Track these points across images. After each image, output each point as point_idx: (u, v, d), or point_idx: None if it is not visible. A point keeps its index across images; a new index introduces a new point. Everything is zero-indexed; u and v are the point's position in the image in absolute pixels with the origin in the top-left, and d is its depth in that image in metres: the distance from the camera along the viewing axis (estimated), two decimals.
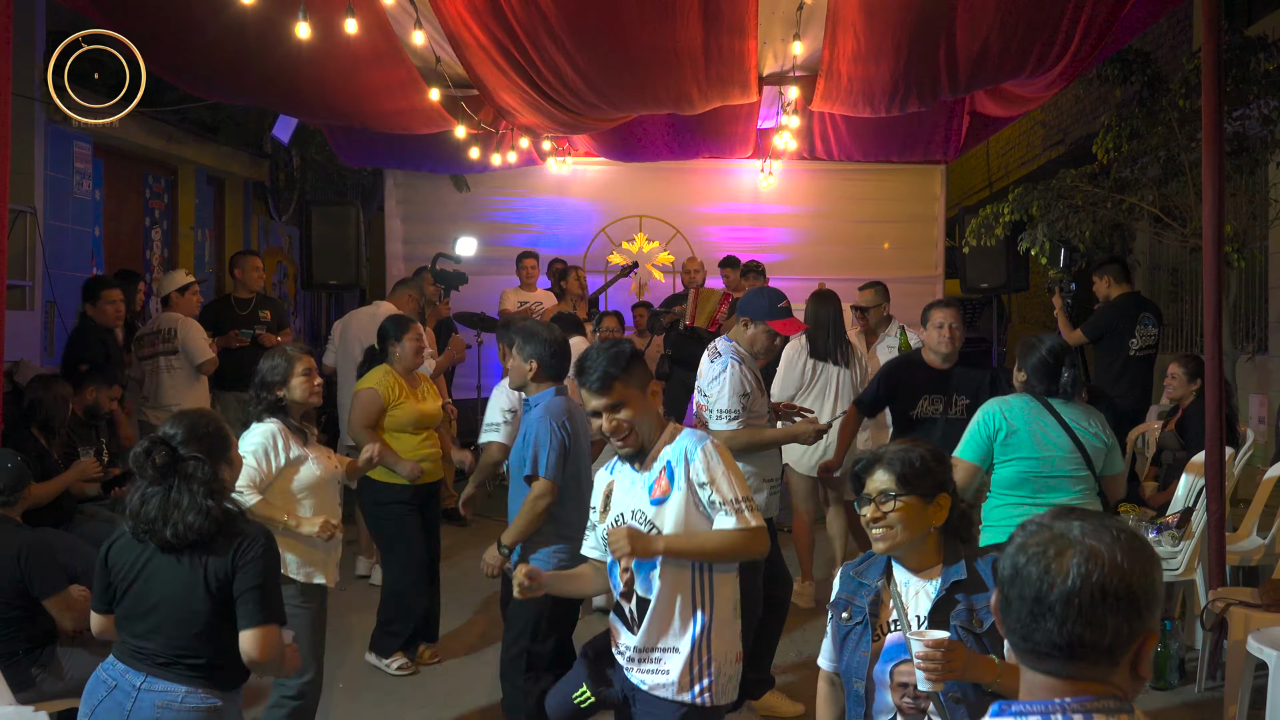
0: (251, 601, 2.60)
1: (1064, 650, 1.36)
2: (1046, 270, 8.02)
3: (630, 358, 2.87)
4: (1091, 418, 3.89)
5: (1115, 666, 1.37)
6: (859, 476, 2.52)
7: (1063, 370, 3.83)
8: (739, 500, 2.77)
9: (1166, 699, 4.61)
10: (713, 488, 2.76)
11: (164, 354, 6.36)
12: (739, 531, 2.76)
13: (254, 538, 2.65)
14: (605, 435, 2.93)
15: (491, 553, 3.92)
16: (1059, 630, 1.35)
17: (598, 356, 2.87)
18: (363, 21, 5.11)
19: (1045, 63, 5.54)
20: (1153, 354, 6.81)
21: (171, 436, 2.70)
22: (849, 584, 2.55)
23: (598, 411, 2.88)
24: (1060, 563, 1.37)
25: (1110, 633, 1.35)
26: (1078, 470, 3.80)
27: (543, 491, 3.77)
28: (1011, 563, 1.42)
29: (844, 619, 2.50)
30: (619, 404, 2.83)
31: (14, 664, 3.68)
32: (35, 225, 6.84)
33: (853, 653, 2.45)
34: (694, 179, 10.05)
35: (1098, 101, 10.74)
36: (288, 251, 11.56)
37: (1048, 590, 1.36)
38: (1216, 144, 4.52)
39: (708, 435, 2.88)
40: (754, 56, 5.86)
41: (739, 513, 2.76)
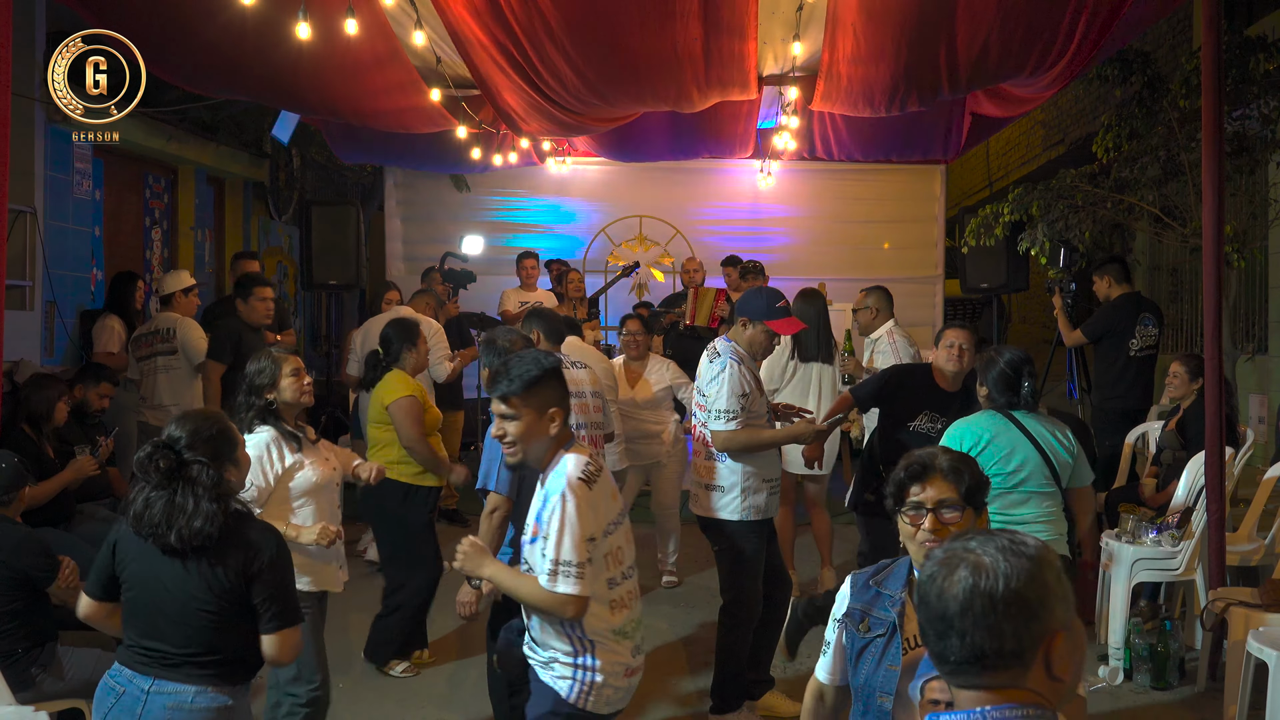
0: (272, 608, 2.63)
1: (972, 663, 1.44)
2: (1046, 270, 8.02)
3: (536, 380, 2.80)
4: (1058, 429, 3.90)
5: (1027, 670, 1.44)
6: (905, 483, 2.38)
7: (1022, 382, 3.88)
8: (559, 563, 2.66)
9: (1166, 699, 4.61)
10: (545, 541, 2.70)
11: (162, 354, 6.35)
12: (547, 593, 2.68)
13: (263, 546, 2.66)
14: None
15: (465, 591, 3.64)
16: (962, 644, 1.44)
17: (512, 365, 2.85)
18: (363, 22, 5.12)
19: (1045, 63, 5.54)
20: (1153, 354, 6.81)
21: (176, 440, 2.67)
22: (864, 594, 2.41)
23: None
24: (950, 581, 1.46)
25: (1010, 638, 1.42)
26: (1044, 486, 3.81)
27: (495, 505, 3.72)
28: (918, 590, 1.51)
29: (861, 631, 2.37)
30: (511, 416, 2.80)
31: (14, 664, 3.68)
32: (35, 225, 6.83)
33: (875, 667, 2.32)
34: (694, 179, 10.05)
35: (1098, 101, 10.74)
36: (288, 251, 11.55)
37: (945, 608, 1.45)
38: (1216, 144, 4.52)
39: (567, 483, 2.72)
40: (754, 58, 5.87)
41: (552, 574, 2.66)
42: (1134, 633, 4.77)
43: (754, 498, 4.27)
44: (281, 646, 2.65)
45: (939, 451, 2.43)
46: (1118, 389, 6.70)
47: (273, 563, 2.64)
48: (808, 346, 5.79)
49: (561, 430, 2.82)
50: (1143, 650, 4.72)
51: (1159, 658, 4.70)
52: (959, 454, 2.45)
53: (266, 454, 3.66)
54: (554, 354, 3.34)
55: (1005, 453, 3.79)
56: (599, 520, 2.74)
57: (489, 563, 2.88)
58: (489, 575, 2.86)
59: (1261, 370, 8.80)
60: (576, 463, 2.77)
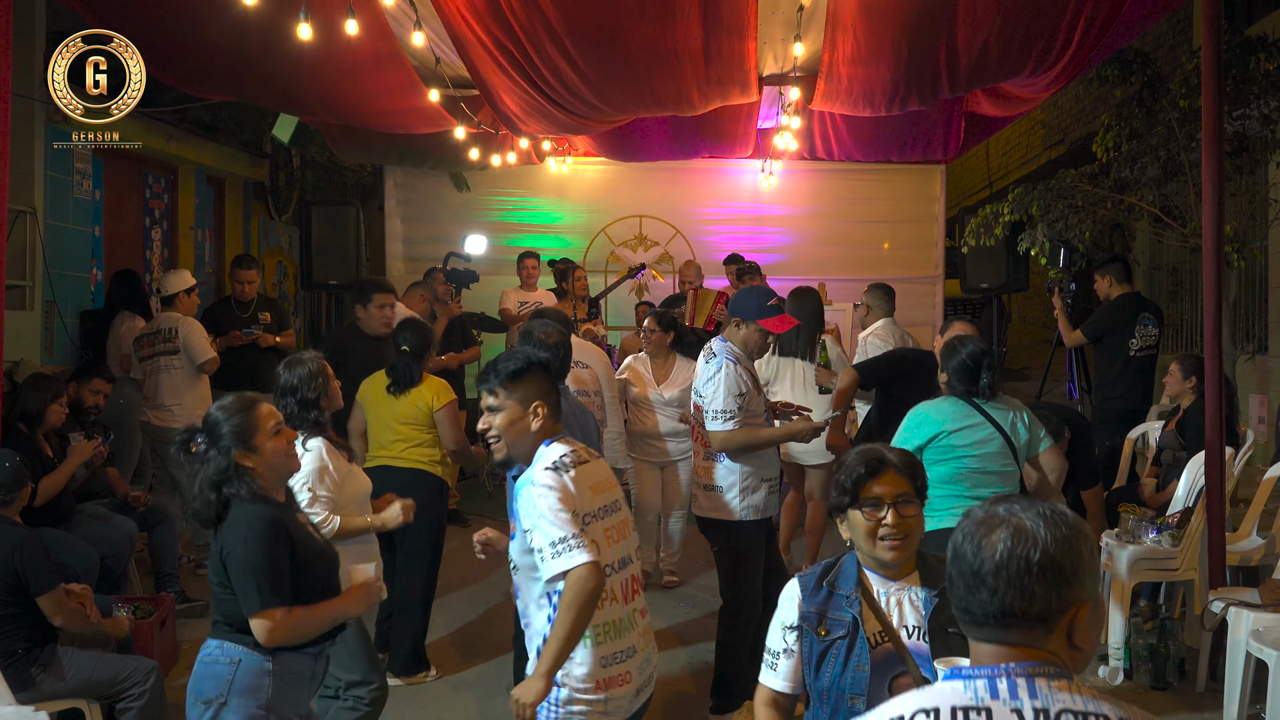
0: (241, 593, 2.70)
1: (998, 618, 1.49)
2: (1046, 270, 8.02)
3: (521, 372, 2.79)
4: (1013, 410, 4.05)
5: (1050, 634, 1.49)
6: (864, 478, 2.38)
7: (982, 373, 4.02)
8: (554, 544, 2.58)
9: (1166, 699, 4.61)
10: (531, 535, 2.65)
11: (164, 354, 6.35)
12: (566, 596, 2.56)
13: (233, 530, 2.72)
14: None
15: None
16: (992, 600, 1.48)
17: (501, 359, 2.85)
18: (362, 23, 5.12)
19: (1045, 63, 5.54)
20: (1153, 354, 6.81)
21: (199, 427, 2.83)
22: (817, 595, 2.39)
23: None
24: (990, 539, 1.51)
25: (1039, 601, 1.47)
26: (1006, 466, 3.97)
27: None
28: (952, 545, 1.55)
29: (821, 634, 2.35)
30: (495, 409, 2.80)
31: (14, 664, 3.68)
32: (35, 225, 6.84)
33: (841, 670, 2.31)
34: (694, 179, 10.05)
35: (1098, 101, 10.74)
36: (288, 251, 11.55)
37: (980, 565, 1.50)
38: (1216, 144, 4.52)
39: (535, 474, 2.69)
40: (754, 57, 5.87)
41: (555, 557, 2.58)
42: (1134, 633, 4.77)
43: (753, 497, 4.28)
44: (261, 630, 2.67)
45: (884, 448, 2.47)
46: (1118, 389, 6.70)
47: (241, 545, 2.69)
48: (787, 342, 5.84)
49: (548, 424, 2.80)
50: (1143, 650, 4.73)
51: (1159, 658, 4.70)
52: (903, 450, 2.50)
53: (330, 460, 3.67)
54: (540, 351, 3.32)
55: (969, 437, 3.94)
56: (575, 502, 2.67)
57: (535, 680, 2.61)
58: (547, 674, 2.61)
59: (1261, 370, 8.81)
60: (550, 452, 2.75)
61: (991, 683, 1.47)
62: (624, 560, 2.84)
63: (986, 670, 1.49)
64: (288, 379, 3.71)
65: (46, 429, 5.15)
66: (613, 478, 2.94)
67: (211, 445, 2.79)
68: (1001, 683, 1.47)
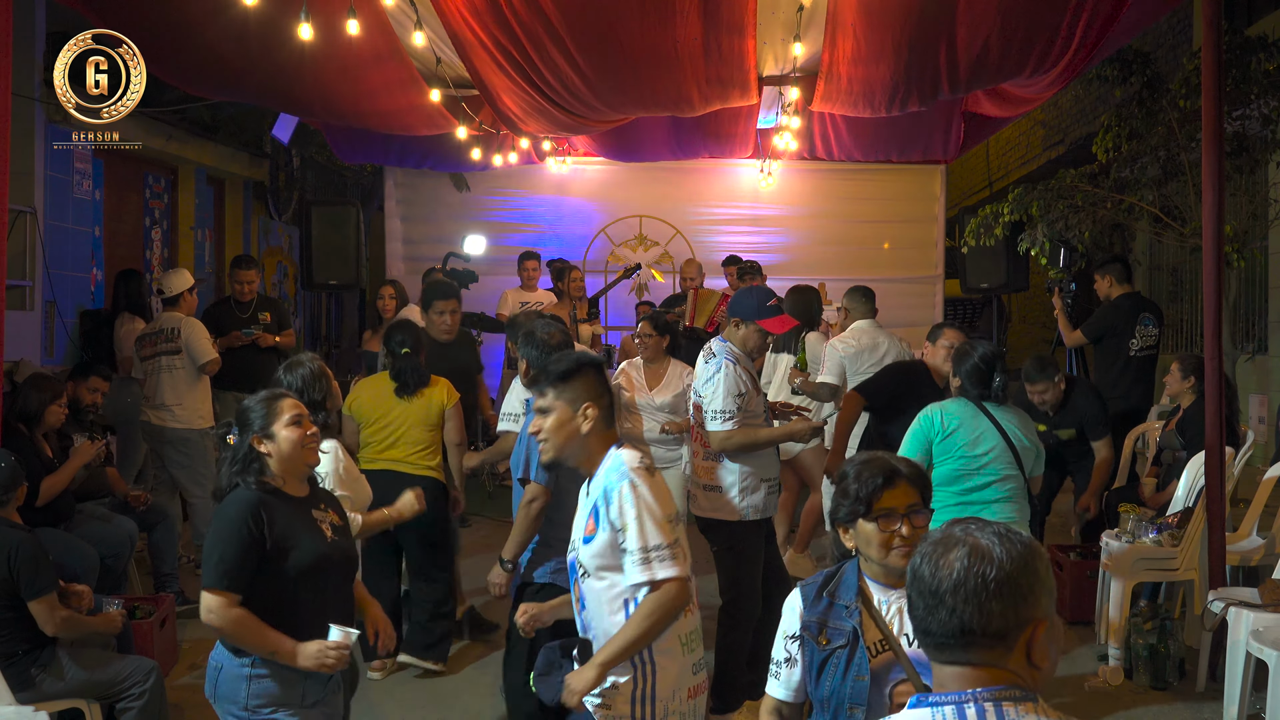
0: (204, 565, 2.79)
1: (958, 637, 1.49)
2: (1046, 270, 8.02)
3: (570, 374, 2.77)
4: (1023, 422, 4.10)
5: (1009, 653, 1.49)
6: (879, 489, 2.36)
7: (994, 376, 4.06)
8: (648, 550, 2.54)
9: (1166, 699, 4.61)
10: (625, 533, 2.59)
11: (166, 354, 6.35)
12: (648, 602, 2.54)
13: (218, 510, 2.83)
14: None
15: (496, 572, 3.83)
16: (951, 618, 1.49)
17: (550, 361, 2.85)
18: (363, 22, 5.12)
19: (1045, 63, 5.54)
20: (1153, 354, 6.81)
21: (236, 416, 2.94)
22: (818, 605, 2.39)
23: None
24: (947, 559, 1.52)
25: (997, 618, 1.48)
26: (1008, 469, 4.00)
27: (534, 495, 3.74)
28: (910, 567, 1.57)
29: (821, 644, 2.35)
30: (545, 410, 2.78)
31: (14, 664, 3.68)
32: (35, 225, 6.84)
33: (841, 679, 2.30)
34: (694, 179, 10.05)
35: (1098, 101, 10.74)
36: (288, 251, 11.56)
37: (938, 584, 1.51)
38: (1216, 144, 4.53)
39: (629, 472, 2.64)
40: (753, 56, 5.86)
41: (645, 563, 2.53)
42: (1134, 633, 4.77)
43: (752, 497, 4.28)
44: (202, 604, 2.74)
45: (892, 457, 2.46)
46: (1118, 389, 6.70)
47: (216, 521, 2.80)
48: (781, 337, 5.86)
49: (600, 427, 2.75)
50: (1143, 650, 4.73)
51: (1159, 658, 4.70)
52: (907, 460, 2.50)
53: (345, 460, 3.67)
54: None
55: (973, 438, 3.98)
56: (668, 506, 2.64)
57: (588, 670, 2.61)
58: (601, 668, 2.59)
59: (1261, 370, 8.81)
60: (632, 455, 2.71)
61: (960, 709, 1.47)
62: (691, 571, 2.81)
63: (953, 696, 1.48)
64: (290, 382, 3.68)
65: (45, 429, 5.15)
66: (672, 493, 2.89)
67: (242, 434, 2.89)
68: (970, 709, 1.46)
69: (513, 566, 3.83)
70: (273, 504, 2.81)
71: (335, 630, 2.79)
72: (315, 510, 2.94)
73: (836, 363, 5.76)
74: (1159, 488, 5.75)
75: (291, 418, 2.89)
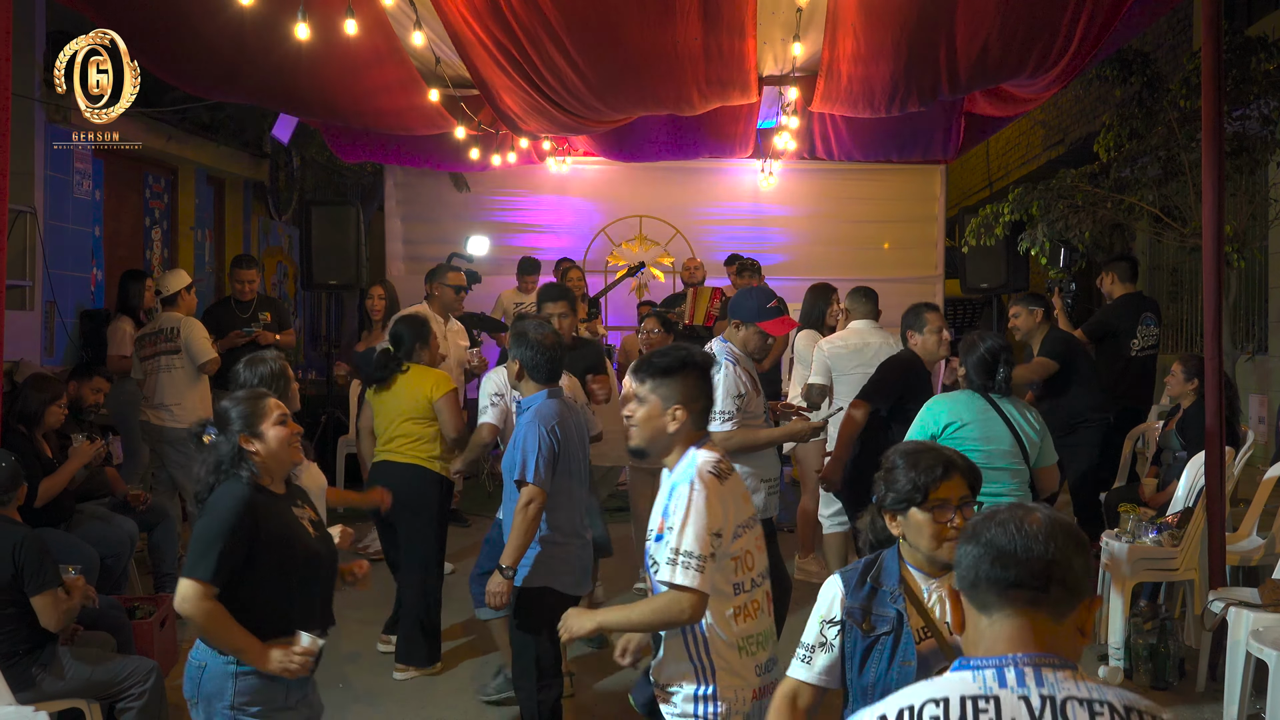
0: (189, 553, 2.78)
1: (1040, 578, 1.54)
2: (1046, 270, 8.02)
3: (670, 371, 2.77)
4: (1028, 411, 4.14)
5: (1060, 624, 1.55)
6: (935, 481, 2.37)
7: (999, 368, 4.10)
8: (679, 552, 2.56)
9: (1166, 699, 4.60)
10: (670, 530, 2.62)
11: (165, 353, 6.35)
12: (660, 598, 2.60)
13: (209, 504, 2.82)
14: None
15: (496, 581, 3.82)
16: (1045, 553, 1.54)
17: (659, 353, 2.85)
18: (362, 22, 5.12)
19: (1045, 63, 5.54)
20: (1154, 354, 6.81)
21: (214, 415, 2.94)
22: (861, 591, 2.40)
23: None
24: (1033, 516, 1.59)
25: (1076, 572, 1.56)
26: (1015, 463, 4.03)
27: (531, 497, 3.77)
28: (987, 532, 1.59)
29: (866, 630, 2.35)
30: (640, 399, 2.80)
31: (14, 664, 3.68)
32: (35, 225, 6.84)
33: (887, 666, 2.31)
34: (694, 179, 10.04)
35: (1098, 101, 10.74)
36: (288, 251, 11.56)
37: (1026, 536, 1.56)
38: (1216, 144, 4.53)
39: (695, 475, 2.66)
40: (753, 57, 5.87)
41: (671, 563, 2.56)
42: (1134, 633, 4.77)
43: (753, 498, 4.26)
44: (178, 591, 2.74)
45: (944, 448, 2.47)
46: (1119, 389, 6.70)
47: (208, 515, 2.80)
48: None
49: (686, 428, 2.76)
50: (1143, 650, 4.73)
51: (1159, 658, 4.70)
52: (959, 452, 2.51)
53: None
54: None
55: (983, 431, 4.01)
56: (728, 517, 2.65)
57: (589, 616, 2.81)
58: (600, 625, 2.79)
59: (1261, 370, 8.81)
60: (707, 457, 2.72)
61: (1000, 672, 1.51)
62: (764, 573, 2.82)
63: (994, 660, 1.53)
64: (248, 378, 3.70)
65: (45, 430, 5.15)
66: (748, 494, 2.91)
67: (221, 433, 2.89)
68: (1009, 672, 1.51)
69: (513, 573, 3.83)
70: (263, 501, 2.83)
71: (305, 636, 2.81)
72: (295, 508, 2.97)
73: (822, 363, 5.70)
74: (1159, 488, 5.75)
75: (278, 416, 2.92)
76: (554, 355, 3.97)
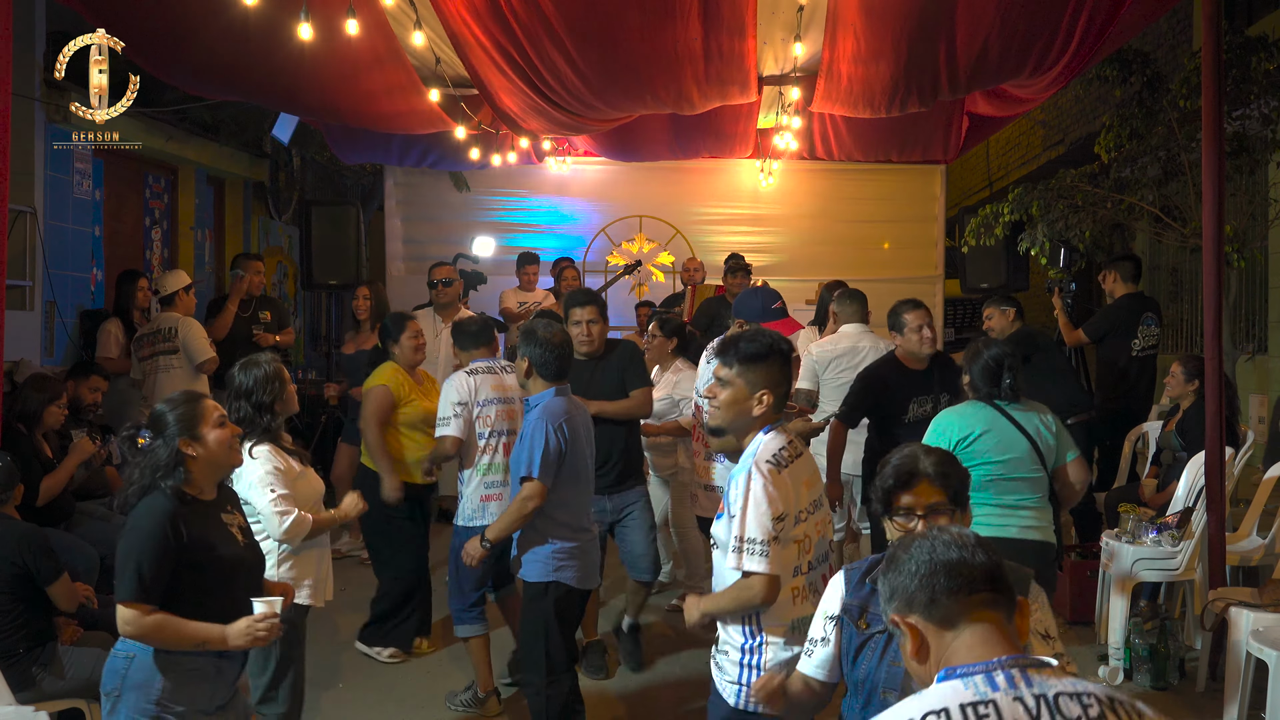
0: (118, 579, 2.74)
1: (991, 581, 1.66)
2: (1046, 270, 8.02)
3: (759, 357, 2.83)
4: (1039, 413, 4.05)
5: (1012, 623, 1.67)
6: (894, 490, 2.40)
7: (1004, 375, 4.02)
8: (743, 540, 2.68)
9: (1166, 699, 4.61)
10: (733, 519, 2.73)
11: (164, 353, 6.36)
12: (734, 586, 2.73)
13: (132, 518, 2.77)
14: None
15: (474, 544, 4.00)
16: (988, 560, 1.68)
17: (745, 337, 2.90)
18: (362, 23, 5.11)
19: (1045, 63, 5.54)
20: (1154, 354, 6.81)
21: (149, 419, 2.88)
22: (860, 590, 2.43)
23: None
24: (950, 535, 1.73)
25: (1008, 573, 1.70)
26: (1034, 471, 3.95)
27: (531, 493, 3.80)
28: (913, 555, 1.72)
29: (860, 627, 2.39)
30: (725, 382, 2.84)
31: (14, 664, 3.69)
32: (35, 225, 6.83)
33: (878, 663, 2.35)
34: (694, 179, 10.04)
35: (1098, 101, 10.74)
36: (288, 251, 11.56)
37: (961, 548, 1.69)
38: (1216, 144, 4.53)
39: (755, 463, 2.74)
40: (753, 56, 5.87)
41: (737, 552, 2.69)
42: (1134, 633, 4.77)
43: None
44: (119, 618, 2.72)
45: (921, 453, 2.46)
46: (1120, 389, 6.70)
47: (131, 533, 2.75)
48: None
49: (768, 413, 2.83)
50: (1143, 650, 4.73)
51: (1159, 658, 4.70)
52: (942, 453, 2.48)
53: (281, 461, 3.63)
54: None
55: (997, 442, 3.93)
56: (789, 503, 2.73)
57: (699, 605, 2.89)
58: (704, 613, 2.88)
59: (1261, 370, 8.81)
60: (768, 444, 2.79)
61: (989, 677, 1.55)
62: (822, 556, 2.91)
63: (979, 666, 1.57)
64: (243, 381, 3.63)
65: (45, 429, 5.15)
66: (819, 474, 2.98)
67: (156, 437, 2.84)
68: (998, 675, 1.55)
69: (491, 546, 3.97)
70: (187, 511, 2.80)
71: (258, 604, 2.82)
72: (224, 514, 2.95)
73: (810, 368, 5.62)
74: (1159, 488, 5.75)
75: (218, 419, 2.91)
76: (563, 353, 3.98)
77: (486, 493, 4.58)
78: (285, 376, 3.76)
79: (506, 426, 4.66)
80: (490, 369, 4.73)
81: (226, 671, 2.89)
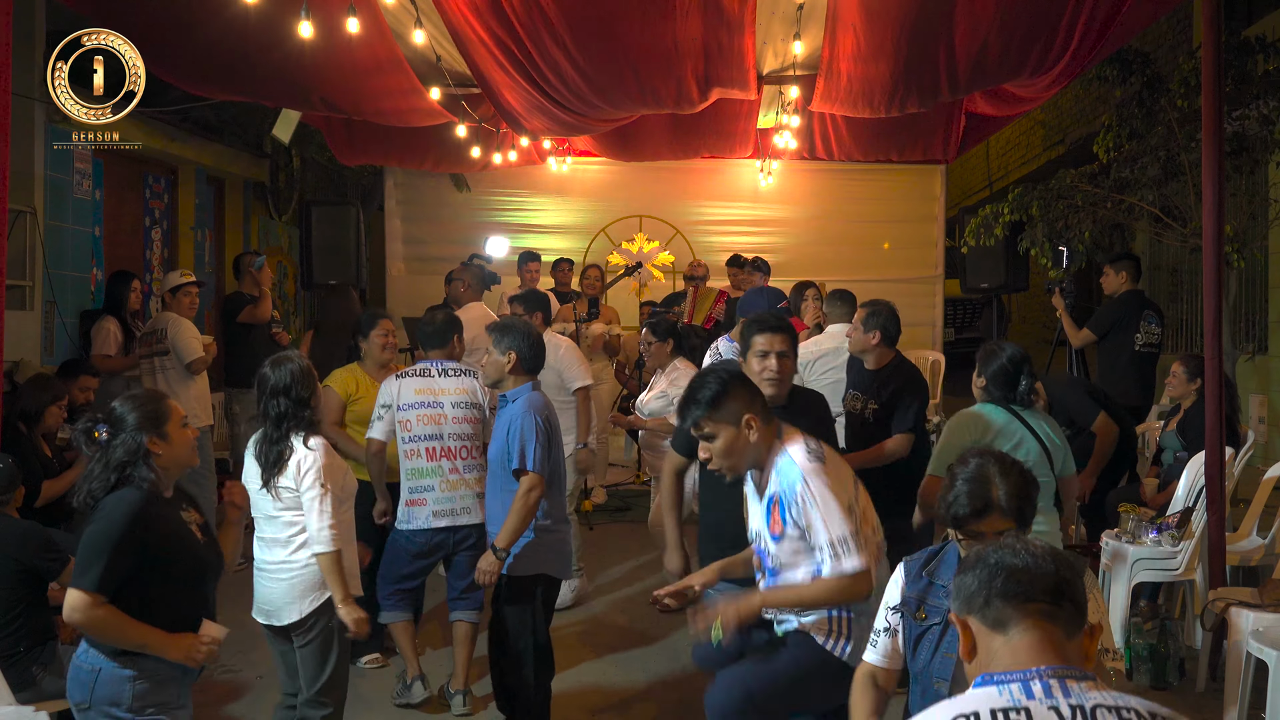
0: (77, 562, 2.74)
1: (1054, 591, 1.62)
2: (1047, 270, 8.02)
3: (718, 395, 2.85)
4: (1049, 422, 4.04)
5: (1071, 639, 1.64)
6: (967, 519, 2.40)
7: (1021, 379, 3.95)
8: (834, 543, 2.76)
9: (1166, 699, 4.60)
10: (811, 532, 2.77)
11: (157, 354, 6.35)
12: (834, 580, 2.79)
13: (101, 510, 2.76)
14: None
15: (488, 559, 3.90)
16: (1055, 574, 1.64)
17: (695, 388, 2.90)
18: (362, 23, 5.11)
19: (1045, 63, 5.54)
20: (1155, 352, 6.80)
21: (108, 415, 2.85)
22: (919, 583, 2.51)
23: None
24: (1032, 545, 1.69)
25: (1082, 592, 1.66)
26: (1043, 476, 3.87)
27: (532, 485, 3.84)
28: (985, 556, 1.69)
29: (918, 619, 2.46)
30: (709, 436, 2.87)
31: (14, 663, 3.68)
32: (35, 225, 6.83)
33: (933, 654, 2.42)
34: (694, 179, 10.04)
35: (1098, 101, 10.74)
36: (288, 251, 11.55)
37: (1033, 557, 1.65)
38: (1216, 144, 4.53)
39: (803, 470, 2.78)
40: (753, 54, 5.87)
41: (835, 557, 2.76)
42: (1134, 633, 4.77)
43: None
44: (67, 601, 2.72)
45: (996, 478, 2.42)
46: (1120, 385, 6.70)
47: (101, 522, 2.74)
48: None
49: (763, 431, 2.85)
50: (1143, 650, 4.72)
51: (1159, 658, 4.70)
52: (1015, 480, 2.44)
53: (328, 464, 3.61)
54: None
55: (1012, 446, 3.88)
56: (847, 487, 2.80)
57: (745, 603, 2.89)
58: (760, 605, 2.90)
59: (1261, 370, 8.81)
60: (794, 449, 2.84)
61: (1025, 685, 1.54)
62: (878, 526, 2.99)
63: (1018, 674, 1.56)
64: (278, 378, 3.59)
65: (45, 430, 5.15)
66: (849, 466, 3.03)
67: (117, 433, 2.82)
68: (1035, 684, 1.55)
69: (505, 555, 3.90)
70: (155, 507, 2.81)
71: (212, 626, 2.87)
72: (183, 512, 2.95)
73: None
74: (1159, 488, 5.75)
75: (182, 419, 2.92)
76: (541, 348, 4.07)
77: (411, 497, 4.53)
78: (314, 373, 3.76)
79: (429, 431, 4.56)
80: (425, 371, 4.65)
81: (191, 672, 2.92)
